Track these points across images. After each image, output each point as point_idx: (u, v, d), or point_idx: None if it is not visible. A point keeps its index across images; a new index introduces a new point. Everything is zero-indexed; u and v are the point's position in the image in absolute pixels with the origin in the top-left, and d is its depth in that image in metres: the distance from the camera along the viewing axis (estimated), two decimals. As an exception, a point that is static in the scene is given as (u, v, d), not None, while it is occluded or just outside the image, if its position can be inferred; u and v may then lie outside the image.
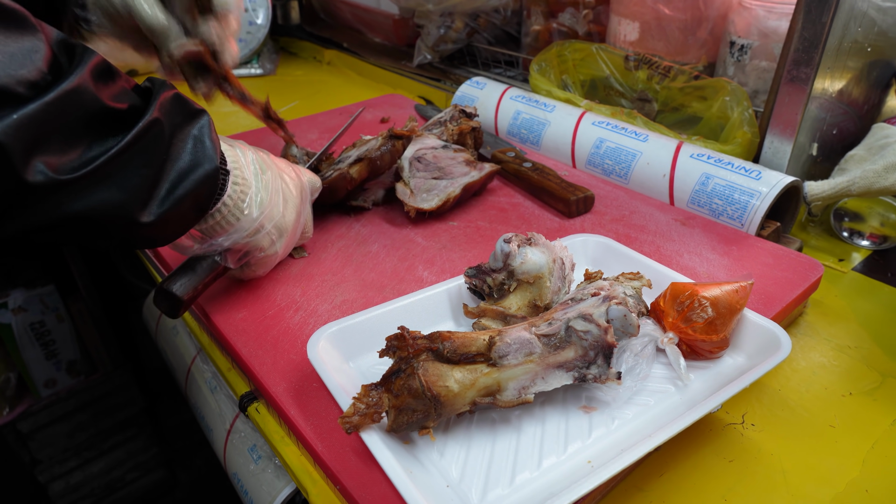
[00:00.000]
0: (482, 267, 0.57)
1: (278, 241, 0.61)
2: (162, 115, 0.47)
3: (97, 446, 1.46)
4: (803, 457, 0.51)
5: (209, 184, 0.51)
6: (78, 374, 1.39)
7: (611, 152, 0.85)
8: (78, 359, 1.38)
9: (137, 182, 0.46)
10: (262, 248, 0.59)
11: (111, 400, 1.45)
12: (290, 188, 0.62)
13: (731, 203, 0.73)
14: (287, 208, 0.61)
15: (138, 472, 1.56)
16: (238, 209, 0.55)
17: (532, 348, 0.46)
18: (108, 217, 0.45)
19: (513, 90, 1.00)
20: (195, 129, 0.50)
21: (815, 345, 0.63)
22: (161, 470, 1.60)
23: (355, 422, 0.42)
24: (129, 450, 1.53)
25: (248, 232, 0.57)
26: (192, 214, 0.51)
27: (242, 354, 0.56)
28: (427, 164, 0.77)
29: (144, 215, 0.47)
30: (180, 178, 0.48)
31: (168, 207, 0.48)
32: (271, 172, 0.60)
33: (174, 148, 0.48)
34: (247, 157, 0.57)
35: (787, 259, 0.67)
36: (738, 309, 0.51)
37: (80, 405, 1.40)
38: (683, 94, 0.92)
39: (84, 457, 1.44)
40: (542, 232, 0.74)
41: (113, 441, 1.49)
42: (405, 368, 0.43)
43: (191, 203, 0.50)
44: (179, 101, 0.50)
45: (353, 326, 0.53)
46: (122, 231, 0.47)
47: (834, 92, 0.78)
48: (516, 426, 0.46)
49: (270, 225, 0.59)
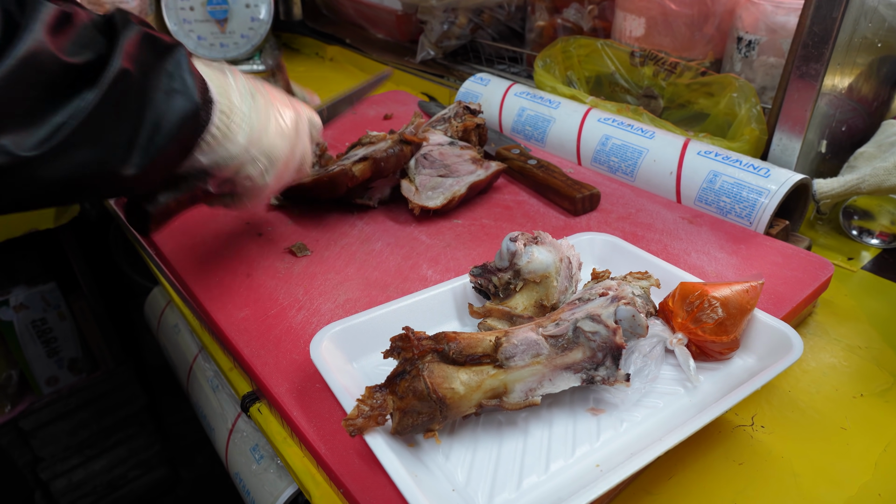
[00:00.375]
0: (488, 266, 0.56)
1: (268, 172, 0.57)
2: (130, 62, 0.44)
3: (99, 444, 1.46)
4: (815, 459, 0.50)
5: (192, 123, 0.48)
6: (80, 371, 1.38)
7: (617, 149, 0.84)
8: (80, 356, 1.37)
9: (114, 138, 0.44)
10: (249, 176, 0.56)
11: (113, 397, 1.45)
12: (285, 119, 0.59)
13: (740, 201, 0.72)
14: (278, 138, 0.58)
15: (140, 469, 1.55)
16: (224, 136, 0.52)
17: (539, 349, 0.45)
18: (90, 177, 0.43)
19: (517, 86, 0.99)
20: (170, 66, 0.47)
21: (825, 345, 0.62)
22: (163, 468, 1.60)
23: (359, 424, 0.41)
24: (130, 447, 1.52)
25: (235, 156, 0.54)
26: (177, 156, 0.49)
27: (244, 354, 0.55)
28: (433, 161, 0.77)
29: (127, 168, 0.45)
30: (160, 123, 0.46)
31: (152, 156, 0.46)
32: (263, 99, 0.57)
33: (149, 92, 0.46)
34: (237, 81, 0.54)
35: (797, 258, 0.66)
36: (748, 309, 0.51)
37: (81, 403, 1.40)
38: (690, 91, 0.91)
39: (86, 454, 1.44)
40: (548, 230, 0.73)
41: (115, 439, 1.49)
42: (410, 370, 0.42)
43: (175, 146, 0.48)
44: (148, 40, 0.46)
45: (357, 326, 0.52)
46: (107, 187, 0.46)
47: (843, 88, 0.77)
48: (523, 428, 0.46)
49: (258, 152, 0.55)
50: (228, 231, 0.74)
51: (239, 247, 0.71)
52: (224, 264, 0.68)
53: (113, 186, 0.46)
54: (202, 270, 0.67)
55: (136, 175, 0.45)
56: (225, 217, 0.77)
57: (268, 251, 0.70)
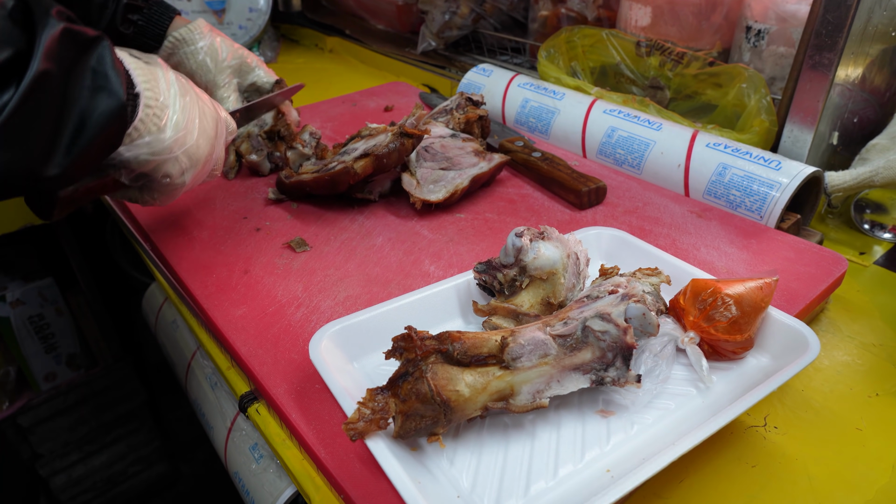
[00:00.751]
0: (492, 262, 0.54)
1: (187, 172, 0.57)
2: (51, 62, 0.42)
3: (98, 440, 1.45)
4: (830, 462, 0.48)
5: (117, 121, 0.47)
6: (78, 367, 1.37)
7: (623, 141, 0.82)
8: (78, 352, 1.36)
9: (35, 139, 0.43)
10: (168, 174, 0.56)
11: (112, 393, 1.44)
12: (208, 118, 0.59)
13: (750, 194, 0.70)
14: (202, 138, 0.58)
15: (140, 465, 1.54)
16: (149, 131, 0.51)
17: (547, 349, 0.43)
18: (11, 178, 0.43)
19: (520, 77, 0.97)
20: (93, 62, 0.46)
21: (839, 342, 0.61)
22: (163, 463, 1.59)
23: (360, 428, 0.40)
24: (130, 443, 1.51)
25: (159, 152, 0.53)
26: (101, 153, 0.49)
27: (241, 353, 0.53)
28: (435, 153, 0.75)
29: (49, 168, 0.44)
30: (83, 122, 0.45)
31: (74, 156, 0.45)
32: (190, 97, 0.56)
33: (71, 90, 0.44)
34: (167, 77, 0.54)
35: (809, 253, 0.64)
36: (762, 307, 0.49)
37: (80, 399, 1.38)
38: (697, 81, 0.89)
39: (85, 451, 1.43)
40: (553, 224, 0.71)
41: (114, 435, 1.48)
42: (413, 371, 0.41)
43: (99, 144, 0.47)
44: (69, 35, 0.44)
45: (357, 325, 0.51)
46: (29, 186, 0.45)
47: (855, 79, 0.75)
48: (530, 431, 0.44)
49: (181, 151, 0.55)
50: (225, 227, 0.72)
51: (236, 243, 0.69)
52: (221, 261, 0.66)
53: (34, 186, 0.45)
54: (199, 267, 0.65)
55: (58, 175, 0.45)
56: (222, 213, 0.75)
57: (266, 247, 0.68)
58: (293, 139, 0.80)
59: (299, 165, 0.78)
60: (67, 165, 0.45)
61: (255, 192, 0.79)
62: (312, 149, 0.78)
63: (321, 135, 0.80)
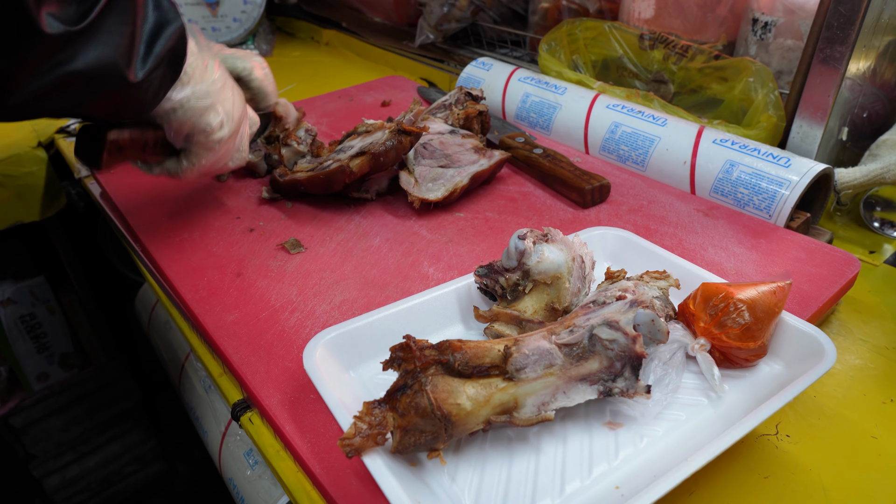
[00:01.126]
0: (494, 266, 0.52)
1: (224, 127, 0.61)
2: None
3: (93, 440, 1.43)
4: (844, 472, 0.47)
5: (181, 40, 0.54)
6: (71, 367, 1.35)
7: (627, 137, 0.79)
8: (71, 352, 1.34)
9: (119, 40, 0.48)
10: (209, 126, 0.60)
11: (106, 393, 1.42)
12: (237, 92, 0.64)
13: (758, 192, 0.68)
14: (237, 99, 0.63)
15: (136, 465, 1.53)
16: (194, 78, 0.57)
17: (552, 360, 0.41)
18: (105, 76, 0.48)
19: (521, 71, 0.94)
20: None
21: (850, 346, 0.59)
22: (159, 462, 1.57)
23: (357, 444, 0.38)
24: (125, 443, 1.49)
25: (203, 95, 0.58)
26: (169, 74, 0.54)
27: (233, 361, 0.51)
28: (433, 151, 0.73)
29: (132, 74, 0.50)
30: (154, 35, 0.51)
31: (150, 66, 0.51)
32: (221, 69, 0.62)
33: (139, 8, 0.50)
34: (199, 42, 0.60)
35: (820, 253, 0.62)
36: (776, 313, 0.47)
37: (74, 399, 1.36)
38: (702, 76, 0.87)
39: (79, 451, 1.41)
40: (556, 224, 0.69)
41: (109, 434, 1.46)
42: (412, 384, 0.39)
43: (168, 60, 0.53)
44: None
45: (354, 332, 0.48)
46: (117, 92, 0.50)
47: (866, 73, 0.73)
48: (535, 445, 0.42)
49: (221, 107, 0.60)
50: (218, 227, 0.70)
51: (229, 244, 0.67)
52: (212, 263, 0.64)
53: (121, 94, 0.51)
54: (189, 270, 0.63)
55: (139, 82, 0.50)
56: (214, 213, 0.73)
57: (259, 249, 0.66)
58: (289, 136, 0.78)
59: (294, 163, 0.76)
60: (146, 73, 0.51)
61: (248, 192, 0.77)
62: (308, 146, 0.76)
63: (317, 131, 0.78)
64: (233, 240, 0.67)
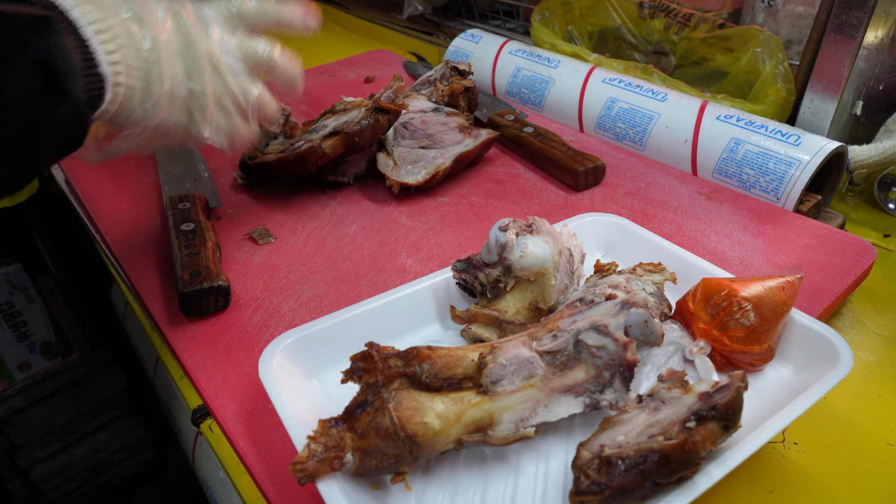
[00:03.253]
0: (473, 260, 0.47)
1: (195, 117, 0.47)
2: None
3: (80, 429, 1.40)
4: (858, 484, 0.42)
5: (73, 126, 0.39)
6: (53, 355, 1.31)
7: (623, 114, 0.74)
8: (52, 340, 1.30)
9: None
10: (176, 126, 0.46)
11: (91, 381, 1.38)
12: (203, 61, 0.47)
13: (766, 173, 0.63)
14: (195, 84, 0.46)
15: (125, 453, 1.50)
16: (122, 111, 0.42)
17: (533, 370, 0.37)
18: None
19: (512, 43, 0.88)
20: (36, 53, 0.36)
21: (864, 340, 0.54)
22: (149, 450, 1.54)
23: (311, 469, 0.33)
24: (114, 431, 1.46)
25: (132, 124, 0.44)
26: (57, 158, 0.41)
27: (188, 366, 0.47)
28: (414, 130, 0.67)
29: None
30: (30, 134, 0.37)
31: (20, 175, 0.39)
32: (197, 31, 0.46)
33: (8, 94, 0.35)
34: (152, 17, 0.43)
35: (833, 240, 0.57)
36: (784, 311, 0.42)
37: (58, 388, 1.33)
38: (706, 46, 0.81)
39: (66, 440, 1.38)
40: (546, 208, 0.64)
41: (96, 423, 1.43)
42: (372, 401, 0.34)
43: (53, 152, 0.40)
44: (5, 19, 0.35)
45: (317, 334, 0.44)
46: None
47: (884, 41, 0.67)
48: (514, 464, 0.38)
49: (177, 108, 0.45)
50: (182, 214, 0.65)
51: (193, 233, 0.62)
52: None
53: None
54: (149, 264, 0.58)
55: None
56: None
57: (225, 239, 0.61)
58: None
59: (266, 145, 0.70)
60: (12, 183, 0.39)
61: (217, 176, 0.72)
62: (280, 127, 0.70)
63: (290, 111, 0.72)
64: (197, 229, 0.62)
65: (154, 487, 1.58)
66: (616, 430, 0.35)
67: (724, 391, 0.34)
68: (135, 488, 1.56)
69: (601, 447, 0.33)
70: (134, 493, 1.57)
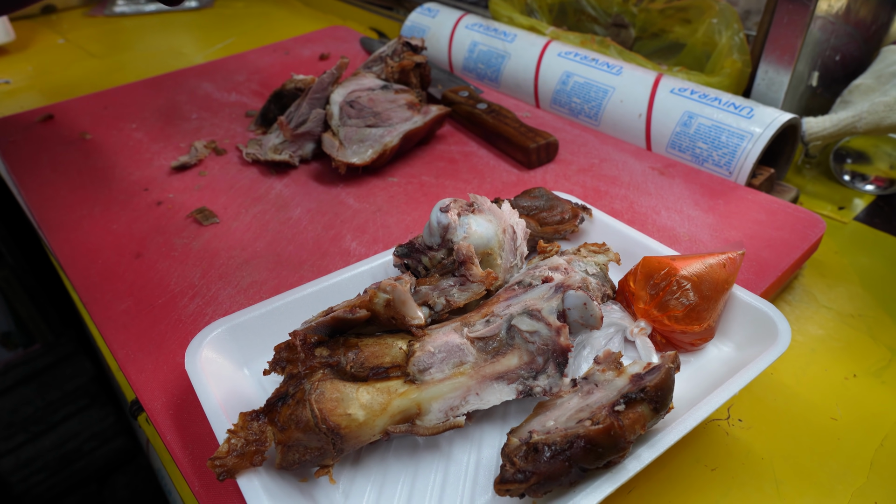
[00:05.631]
0: (415, 244, 0.46)
1: None
2: None
3: (45, 420, 1.37)
4: (800, 461, 0.42)
5: None
6: (14, 346, 1.28)
7: (579, 88, 0.72)
8: (13, 330, 1.27)
9: None
10: None
11: (56, 371, 1.35)
12: None
13: (718, 147, 0.62)
14: None
15: (96, 441, 1.48)
16: None
17: (463, 357, 0.35)
18: None
19: (469, 17, 0.86)
20: None
21: (813, 314, 0.54)
22: (121, 438, 1.52)
23: (230, 464, 0.32)
24: (83, 420, 1.44)
25: None
26: None
27: (119, 357, 0.45)
28: (361, 108, 0.65)
29: None
30: None
31: None
32: None
33: None
34: None
35: (783, 214, 0.57)
36: (725, 289, 0.41)
37: (20, 379, 1.30)
38: (664, 18, 0.79)
39: (32, 431, 1.36)
40: (498, 187, 0.63)
41: (63, 413, 1.40)
42: (293, 392, 0.33)
43: None
44: None
45: (249, 322, 0.42)
46: None
47: (839, 10, 0.66)
48: (445, 452, 0.37)
49: None
50: (121, 202, 0.63)
51: (131, 220, 0.60)
52: (111, 242, 0.57)
53: None
54: (83, 251, 0.56)
55: None
56: (119, 184, 0.65)
57: (165, 224, 0.59)
58: None
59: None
60: None
61: (160, 159, 0.69)
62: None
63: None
64: (136, 215, 0.60)
65: (127, 476, 1.57)
66: (547, 416, 0.34)
67: (654, 372, 0.33)
68: (107, 476, 1.54)
69: (530, 433, 0.32)
70: (107, 481, 1.55)
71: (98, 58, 1.07)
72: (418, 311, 0.36)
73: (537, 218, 0.51)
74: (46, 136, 0.74)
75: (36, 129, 0.76)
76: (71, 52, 1.10)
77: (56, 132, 0.75)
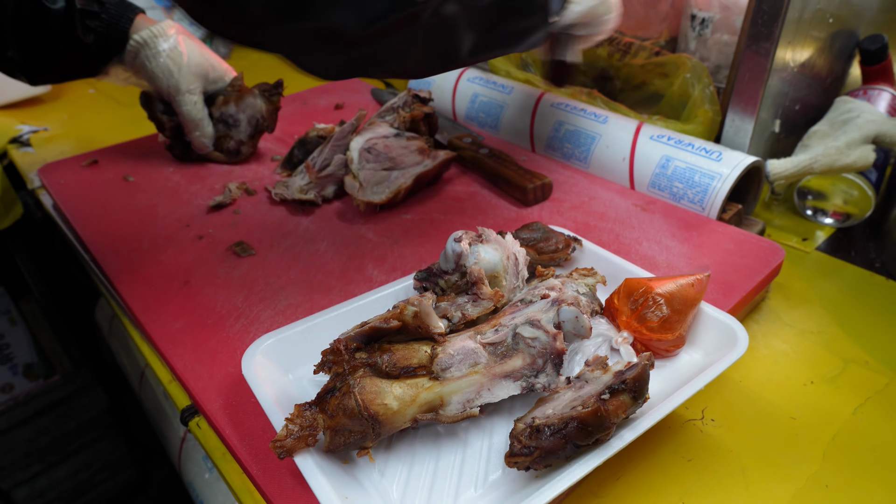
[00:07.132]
0: (433, 269, 0.54)
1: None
2: None
3: (61, 450, 1.42)
4: (763, 452, 0.49)
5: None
6: (36, 377, 1.34)
7: (570, 135, 0.82)
8: (35, 361, 1.33)
9: None
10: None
11: (73, 402, 1.41)
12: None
13: (692, 186, 0.71)
14: None
15: (107, 472, 1.52)
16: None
17: (477, 358, 0.43)
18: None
19: (470, 71, 0.96)
20: None
21: (777, 331, 0.62)
22: (131, 469, 1.56)
23: (288, 445, 0.39)
24: (96, 451, 1.49)
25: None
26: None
27: (177, 368, 0.53)
28: (377, 154, 0.74)
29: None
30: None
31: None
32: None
33: None
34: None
35: (748, 244, 0.65)
36: (694, 304, 0.49)
37: (40, 409, 1.36)
38: (644, 72, 0.89)
39: (48, 461, 1.40)
40: (499, 222, 0.71)
41: (78, 443, 1.45)
42: (340, 386, 0.41)
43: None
44: None
45: (292, 337, 0.50)
46: None
47: (797, 64, 0.76)
48: (463, 439, 0.44)
49: None
50: (166, 236, 0.71)
51: (178, 252, 0.68)
52: (161, 271, 0.65)
53: None
54: (138, 280, 0.64)
55: None
56: (164, 222, 0.73)
57: (208, 256, 0.67)
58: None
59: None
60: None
61: (198, 199, 0.78)
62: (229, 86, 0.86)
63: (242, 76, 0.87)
64: (181, 248, 0.68)
65: (135, 508, 1.61)
66: (546, 406, 0.41)
67: (633, 368, 0.41)
68: (116, 508, 1.58)
69: (533, 419, 0.40)
70: (116, 513, 1.59)
71: (127, 106, 1.16)
72: (440, 321, 0.44)
73: (535, 247, 0.59)
74: (93, 179, 0.83)
75: (83, 172, 0.85)
76: (102, 102, 1.19)
77: (101, 175, 0.84)
